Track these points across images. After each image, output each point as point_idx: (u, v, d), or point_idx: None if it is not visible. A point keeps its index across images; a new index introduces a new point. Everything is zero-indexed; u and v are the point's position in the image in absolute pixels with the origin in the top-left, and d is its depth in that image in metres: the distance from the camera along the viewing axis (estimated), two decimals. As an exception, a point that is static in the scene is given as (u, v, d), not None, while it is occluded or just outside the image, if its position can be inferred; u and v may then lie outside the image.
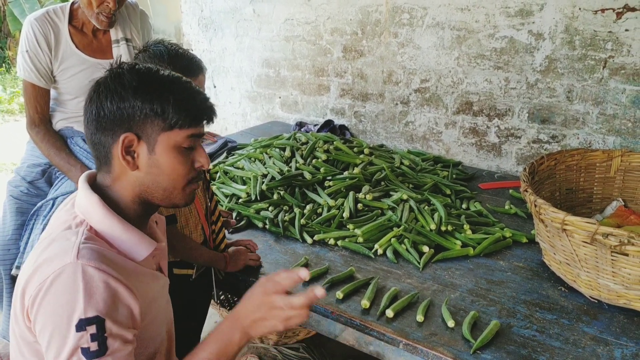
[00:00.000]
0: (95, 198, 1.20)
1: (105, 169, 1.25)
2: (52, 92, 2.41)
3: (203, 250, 1.84)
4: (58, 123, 2.42)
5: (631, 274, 1.64)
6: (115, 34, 2.43)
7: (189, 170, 1.25)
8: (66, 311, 1.06)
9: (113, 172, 1.24)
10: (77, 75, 2.35)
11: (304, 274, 1.19)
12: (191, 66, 1.74)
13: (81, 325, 1.05)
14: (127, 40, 2.44)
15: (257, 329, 1.21)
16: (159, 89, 1.20)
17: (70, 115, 2.42)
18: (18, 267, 2.24)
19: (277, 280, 1.20)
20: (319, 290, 1.17)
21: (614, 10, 2.65)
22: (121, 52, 2.41)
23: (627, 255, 1.59)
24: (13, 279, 2.31)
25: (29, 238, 2.25)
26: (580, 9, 2.73)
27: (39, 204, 2.28)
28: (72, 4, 2.36)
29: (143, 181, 1.22)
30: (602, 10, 2.68)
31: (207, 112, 1.26)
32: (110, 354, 1.08)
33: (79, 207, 1.22)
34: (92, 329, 1.06)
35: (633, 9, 2.59)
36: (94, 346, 1.06)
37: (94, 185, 1.27)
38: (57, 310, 1.07)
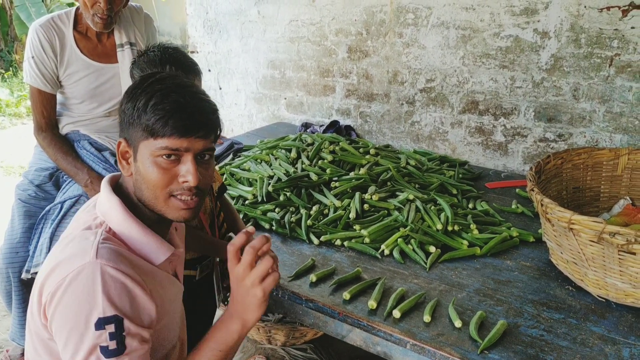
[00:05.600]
0: (115, 200, 1.22)
1: None
2: (59, 97, 2.43)
3: (211, 238, 1.86)
4: (65, 127, 2.44)
5: (639, 273, 1.63)
6: (119, 38, 2.44)
7: (169, 183, 1.19)
8: (85, 310, 1.07)
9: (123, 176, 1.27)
10: (82, 80, 2.37)
11: (250, 229, 1.22)
12: (181, 71, 1.69)
13: (100, 324, 1.07)
14: (131, 44, 2.46)
15: (247, 309, 1.20)
16: (143, 95, 1.17)
17: (77, 119, 2.44)
18: (28, 271, 2.25)
19: (231, 255, 1.21)
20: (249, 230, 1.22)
21: (619, 7, 2.64)
22: (126, 57, 2.43)
23: (634, 254, 1.59)
24: (23, 283, 2.33)
25: (37, 242, 2.27)
26: (585, 7, 2.72)
27: (47, 208, 2.30)
28: (77, 9, 2.38)
29: (136, 187, 1.23)
30: (608, 8, 2.67)
31: (192, 126, 1.17)
32: (128, 353, 1.09)
33: (100, 208, 1.24)
34: (111, 328, 1.07)
35: (639, 7, 2.58)
36: (112, 345, 1.07)
37: (118, 187, 1.28)
38: (75, 308, 1.08)
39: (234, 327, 1.22)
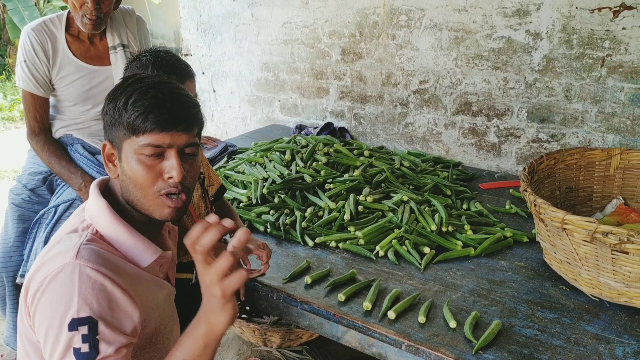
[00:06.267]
0: (102, 203, 1.22)
1: None
2: (52, 100, 2.42)
3: None
4: (58, 131, 2.43)
5: (632, 272, 1.64)
6: (112, 40, 2.44)
7: (154, 181, 1.18)
8: (61, 309, 1.07)
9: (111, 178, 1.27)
10: (75, 83, 2.36)
11: (211, 218, 1.06)
12: (174, 74, 1.70)
13: (73, 325, 1.05)
14: (124, 46, 2.45)
15: (211, 312, 1.08)
16: (123, 95, 1.18)
17: (70, 122, 2.44)
18: (22, 276, 2.25)
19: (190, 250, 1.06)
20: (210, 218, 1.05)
21: (610, 8, 2.65)
22: (118, 59, 2.42)
23: (627, 253, 1.60)
24: (17, 287, 2.32)
25: (32, 246, 2.26)
26: (577, 8, 2.74)
27: (41, 212, 2.29)
28: (69, 12, 2.37)
29: (123, 188, 1.23)
30: (599, 9, 2.68)
31: (172, 120, 1.16)
32: (102, 359, 1.07)
33: (88, 211, 1.23)
34: (84, 330, 1.06)
35: (629, 7, 2.60)
36: (84, 347, 1.05)
37: (108, 190, 1.28)
38: (52, 308, 1.08)
39: (199, 332, 1.10)
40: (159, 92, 1.17)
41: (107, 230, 1.20)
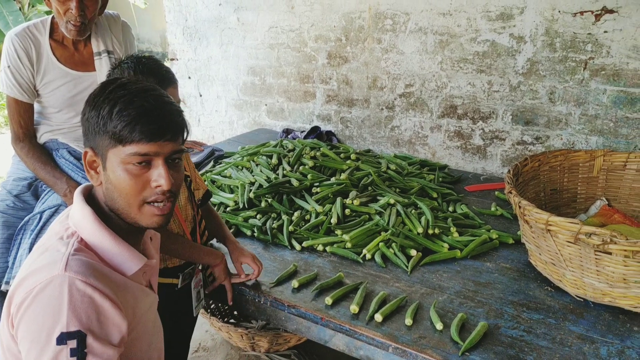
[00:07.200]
0: (87, 210, 1.20)
1: None
2: (36, 106, 2.40)
3: (193, 244, 1.85)
4: (43, 136, 2.41)
5: (615, 272, 1.66)
6: (96, 46, 2.42)
7: (142, 189, 1.18)
8: (48, 322, 1.05)
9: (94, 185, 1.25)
10: (59, 89, 2.35)
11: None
12: (156, 80, 1.68)
13: (62, 339, 1.04)
14: (108, 52, 2.44)
15: None
16: (106, 102, 1.16)
17: (55, 127, 2.42)
18: (7, 283, 2.22)
19: None
20: None
21: (592, 12, 2.69)
22: (103, 65, 2.41)
23: (610, 253, 1.62)
24: (2, 294, 2.30)
25: (17, 253, 2.24)
26: (559, 11, 2.77)
27: (26, 218, 2.27)
28: (53, 17, 2.35)
29: (107, 196, 1.21)
30: (581, 13, 2.72)
31: (159, 130, 1.15)
32: None
33: (72, 218, 1.21)
34: (73, 344, 1.05)
35: (611, 11, 2.64)
36: None
37: (91, 197, 1.27)
38: (40, 320, 1.06)
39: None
40: (144, 101, 1.16)
41: (91, 237, 1.19)
